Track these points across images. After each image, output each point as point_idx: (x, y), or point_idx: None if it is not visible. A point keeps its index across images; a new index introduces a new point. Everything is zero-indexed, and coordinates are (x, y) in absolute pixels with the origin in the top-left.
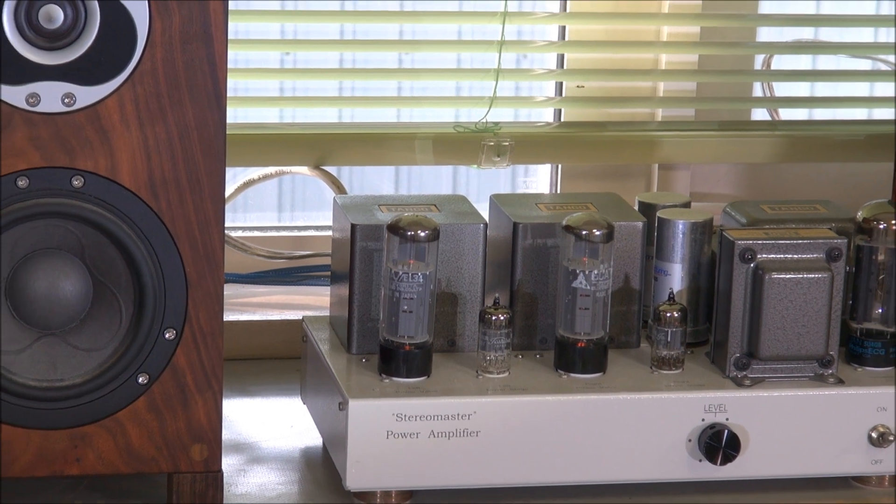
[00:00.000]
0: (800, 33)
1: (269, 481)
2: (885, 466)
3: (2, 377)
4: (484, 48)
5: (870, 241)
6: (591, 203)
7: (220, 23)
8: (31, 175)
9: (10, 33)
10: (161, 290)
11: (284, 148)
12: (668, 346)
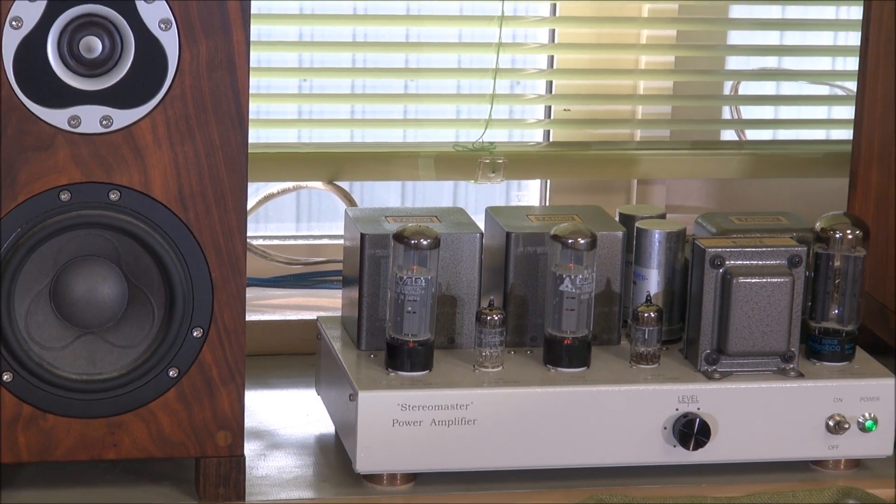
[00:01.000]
0: (764, 62)
1: (287, 465)
2: (841, 451)
3: (46, 371)
4: (480, 75)
5: (827, 248)
6: (577, 215)
7: (243, 53)
8: (73, 189)
9: (53, 62)
10: (189, 292)
11: (301, 165)
12: (645, 343)
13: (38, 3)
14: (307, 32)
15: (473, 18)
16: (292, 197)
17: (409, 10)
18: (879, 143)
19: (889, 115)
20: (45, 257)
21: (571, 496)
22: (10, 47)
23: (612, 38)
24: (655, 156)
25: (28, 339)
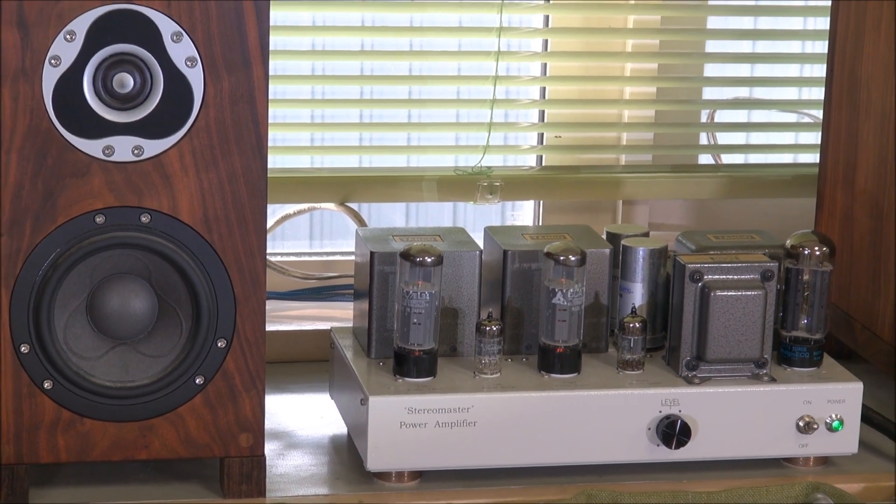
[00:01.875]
0: (738, 92)
1: (304, 463)
2: (811, 449)
3: (83, 379)
4: (478, 105)
5: (797, 264)
6: (568, 233)
7: (262, 87)
8: (107, 213)
9: (89, 96)
10: (214, 306)
11: (315, 188)
12: (631, 351)
13: (74, 43)
14: (318, 67)
15: (471, 53)
16: (307, 217)
17: (412, 46)
18: (843, 166)
19: (852, 140)
20: (82, 275)
21: (564, 492)
22: (50, 83)
23: (598, 70)
24: (639, 178)
25: (66, 349)
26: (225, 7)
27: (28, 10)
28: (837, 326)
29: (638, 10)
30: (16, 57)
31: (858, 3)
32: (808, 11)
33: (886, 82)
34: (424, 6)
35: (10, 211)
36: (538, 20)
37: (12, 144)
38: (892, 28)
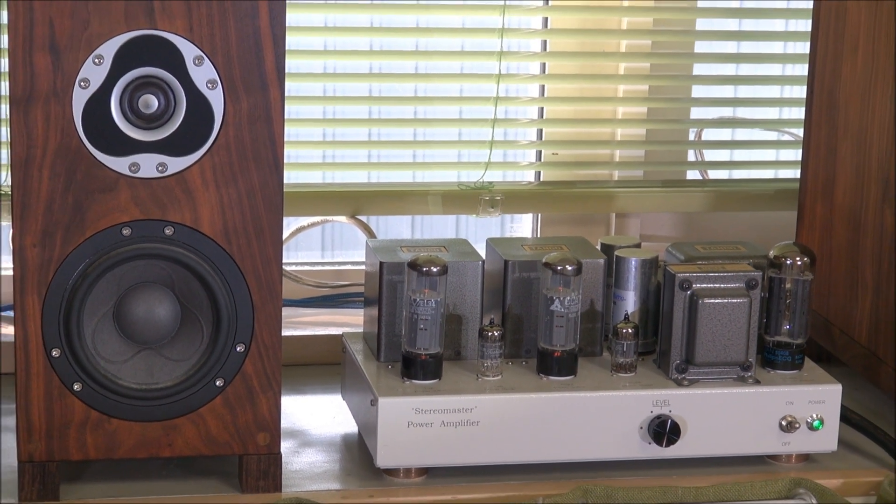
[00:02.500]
0: (723, 112)
1: (317, 460)
2: (793, 447)
3: (111, 382)
4: (480, 125)
5: (779, 273)
6: (564, 245)
7: (279, 108)
8: (133, 226)
9: (116, 117)
10: (233, 313)
11: (327, 202)
12: (624, 355)
13: (102, 67)
14: (330, 88)
15: (473, 76)
16: (320, 229)
17: (417, 69)
18: (823, 181)
19: (830, 157)
20: (110, 284)
21: (561, 487)
22: (80, 104)
23: (593, 92)
24: (631, 193)
25: (95, 354)
26: (244, 33)
27: (59, 36)
28: (817, 331)
29: (630, 35)
30: (47, 79)
31: (837, 29)
32: (789, 37)
33: (863, 102)
34: (429, 32)
35: (43, 223)
36: (536, 44)
37: (44, 161)
38: (869, 52)
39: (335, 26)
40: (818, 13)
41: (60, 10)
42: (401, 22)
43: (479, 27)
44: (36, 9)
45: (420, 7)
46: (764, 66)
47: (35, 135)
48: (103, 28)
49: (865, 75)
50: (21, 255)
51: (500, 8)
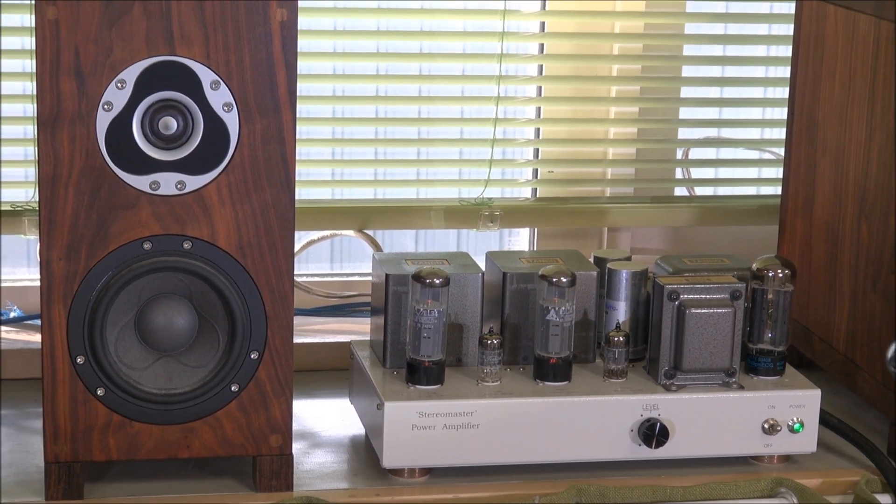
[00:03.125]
0: (708, 132)
1: (326, 461)
2: (774, 449)
3: (132, 387)
4: (480, 144)
5: (762, 284)
6: (559, 258)
7: (290, 129)
8: (153, 240)
9: (137, 137)
10: (248, 322)
11: (335, 217)
12: (615, 362)
13: (125, 91)
14: (339, 110)
15: (475, 99)
16: (329, 243)
17: (420, 92)
18: (803, 197)
19: (810, 174)
20: (131, 295)
21: (557, 486)
22: (103, 126)
23: (586, 113)
24: (622, 208)
25: (117, 361)
26: (258, 59)
27: (84, 61)
28: (798, 339)
29: (620, 60)
30: (73, 103)
31: (816, 55)
32: (770, 61)
33: (840, 123)
34: (433, 57)
35: (68, 238)
36: (533, 69)
37: (70, 180)
38: (846, 77)
39: (343, 52)
40: (798, 40)
41: (85, 37)
42: (405, 48)
43: (479, 52)
44: (62, 36)
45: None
46: (746, 89)
47: (61, 155)
48: (125, 54)
49: (842, 98)
50: (48, 268)
51: (498, 35)
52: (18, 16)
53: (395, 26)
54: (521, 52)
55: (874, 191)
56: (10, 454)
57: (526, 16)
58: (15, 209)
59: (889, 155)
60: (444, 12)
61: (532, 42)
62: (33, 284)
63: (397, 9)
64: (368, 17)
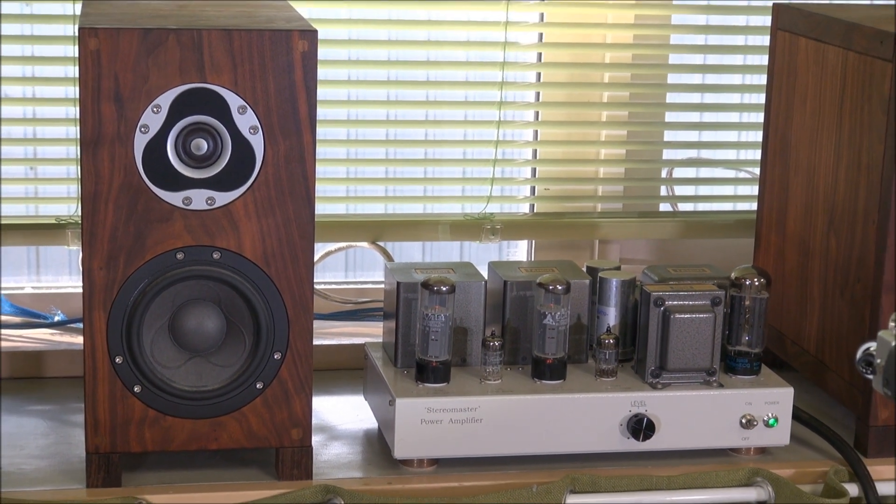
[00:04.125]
0: (690, 153)
1: (343, 452)
2: (751, 442)
3: (166, 384)
4: (482, 164)
5: (739, 292)
6: (555, 267)
7: (311, 150)
8: (186, 251)
9: (171, 157)
10: (271, 326)
11: (351, 230)
12: (606, 362)
13: (160, 115)
14: (353, 132)
15: (477, 122)
16: (345, 253)
17: (427, 116)
18: (776, 212)
19: (783, 192)
20: (165, 301)
21: (553, 475)
22: (140, 147)
23: (579, 136)
24: (612, 222)
25: (153, 361)
26: (281, 86)
27: (123, 88)
28: (772, 342)
29: (610, 87)
30: (112, 125)
31: (789, 83)
32: (746, 89)
33: (811, 146)
34: (438, 84)
35: (108, 249)
36: (531, 95)
37: (109, 195)
38: (816, 104)
39: (357, 80)
40: (772, 70)
41: (124, 65)
42: (413, 76)
43: (481, 80)
44: (103, 65)
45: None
46: (724, 114)
47: (102, 173)
48: (161, 81)
49: (813, 123)
50: (89, 277)
51: (499, 64)
52: (62, 47)
53: (403, 57)
54: (520, 81)
55: (841, 207)
56: (55, 445)
57: (524, 47)
58: (59, 222)
59: (855, 175)
60: (449, 44)
61: (530, 71)
62: (76, 291)
63: (406, 40)
64: (380, 49)
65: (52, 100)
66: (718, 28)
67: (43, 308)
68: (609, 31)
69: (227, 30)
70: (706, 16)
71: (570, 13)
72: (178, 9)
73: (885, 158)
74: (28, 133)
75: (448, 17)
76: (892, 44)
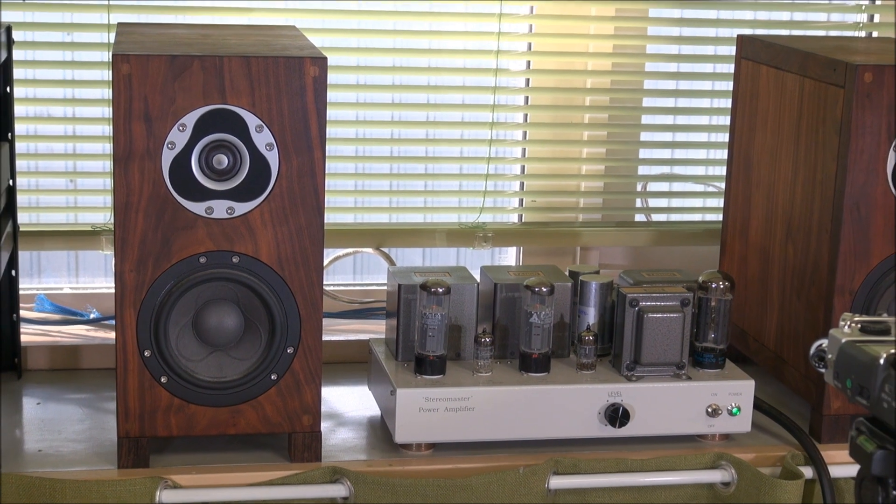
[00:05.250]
0: (663, 169)
1: (349, 437)
2: (716, 429)
3: (190, 376)
4: (476, 178)
5: (706, 294)
6: (541, 271)
7: (321, 165)
8: (208, 255)
9: (195, 171)
10: (285, 323)
11: (357, 237)
12: (586, 357)
13: (185, 133)
14: (361, 150)
15: (471, 141)
16: (352, 258)
17: (427, 134)
18: (740, 223)
19: (746, 204)
20: (189, 300)
21: (538, 458)
22: (167, 161)
23: (563, 154)
24: (592, 231)
25: (178, 354)
26: (294, 107)
27: (151, 108)
28: (736, 339)
29: (591, 110)
30: (142, 142)
31: (751, 107)
32: (714, 111)
33: (771, 163)
34: (437, 106)
35: (138, 254)
36: (519, 117)
37: (139, 206)
38: (776, 125)
39: (364, 102)
40: (737, 94)
41: (153, 88)
42: (415, 99)
43: (475, 104)
44: (134, 87)
45: (430, 88)
46: (694, 134)
47: (133, 185)
48: (186, 103)
49: (773, 142)
50: (121, 279)
51: (491, 89)
52: (99, 71)
53: (406, 82)
54: (510, 104)
55: (798, 218)
56: (89, 430)
57: (514, 73)
58: (94, 230)
59: (810, 189)
60: (447, 70)
61: (518, 95)
62: (109, 292)
63: (408, 67)
64: (385, 75)
65: (90, 119)
66: (689, 57)
67: (80, 306)
68: (590, 60)
69: (245, 56)
70: (678, 46)
71: (555, 43)
72: (203, 38)
73: (838, 175)
74: (69, 149)
75: (446, 47)
76: (844, 71)
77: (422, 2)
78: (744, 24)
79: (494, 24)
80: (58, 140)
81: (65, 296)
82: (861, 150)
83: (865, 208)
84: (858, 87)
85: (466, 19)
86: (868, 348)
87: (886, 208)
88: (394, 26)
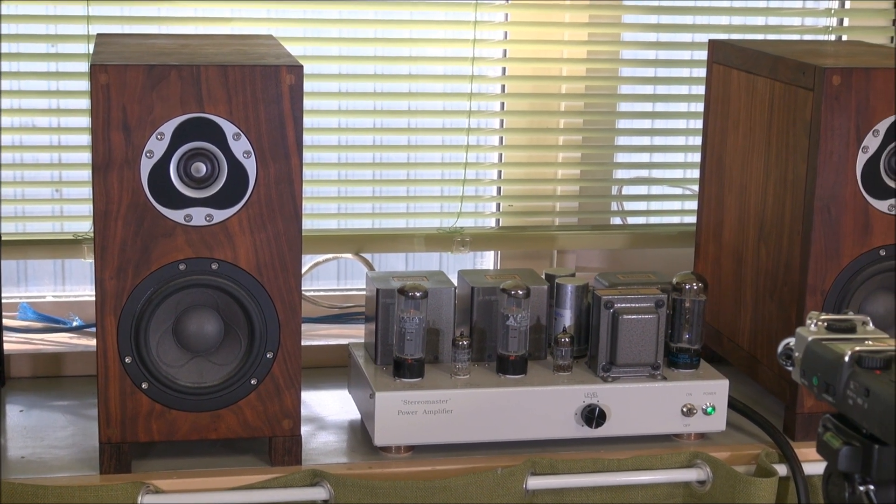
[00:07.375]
0: (639, 173)
1: (329, 440)
2: (692, 428)
3: (170, 381)
4: (454, 184)
5: (681, 295)
6: (517, 275)
7: (298, 172)
8: (187, 262)
9: (174, 179)
10: (264, 328)
11: (338, 243)
12: (563, 358)
13: (163, 141)
14: (343, 157)
15: (449, 147)
16: (333, 263)
17: (409, 142)
18: (714, 225)
19: (719, 207)
20: (169, 306)
21: (515, 459)
22: (146, 170)
23: (539, 158)
24: (568, 235)
25: (158, 360)
26: (271, 115)
27: (130, 118)
28: (710, 339)
29: (567, 115)
30: (121, 151)
31: (723, 111)
32: (689, 116)
33: (743, 166)
34: (417, 113)
35: (118, 261)
36: (496, 122)
37: (119, 213)
38: (747, 128)
39: (346, 110)
40: (709, 98)
41: (131, 97)
42: (396, 106)
43: (453, 110)
44: (112, 97)
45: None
46: (670, 138)
47: (112, 194)
48: (164, 111)
49: (745, 145)
50: (101, 286)
51: (467, 95)
52: (82, 82)
53: (387, 89)
54: (487, 109)
55: (770, 220)
56: (72, 437)
57: (490, 80)
58: (77, 238)
59: (781, 191)
60: (427, 77)
61: (495, 101)
62: (91, 299)
63: (389, 75)
64: (366, 82)
65: (74, 129)
66: (665, 62)
67: (63, 314)
68: (565, 65)
69: (222, 65)
70: (655, 51)
71: (530, 49)
72: (181, 47)
73: (808, 176)
74: (54, 159)
75: (425, 54)
76: (813, 74)
77: (401, 10)
78: (719, 30)
79: (470, 32)
80: (43, 150)
81: (48, 304)
82: (830, 152)
83: (836, 209)
84: (827, 89)
85: (445, 27)
86: (834, 346)
87: (856, 209)
88: (374, 34)
